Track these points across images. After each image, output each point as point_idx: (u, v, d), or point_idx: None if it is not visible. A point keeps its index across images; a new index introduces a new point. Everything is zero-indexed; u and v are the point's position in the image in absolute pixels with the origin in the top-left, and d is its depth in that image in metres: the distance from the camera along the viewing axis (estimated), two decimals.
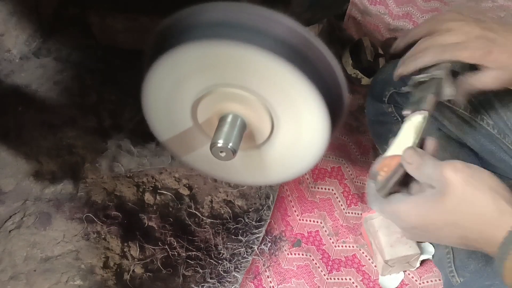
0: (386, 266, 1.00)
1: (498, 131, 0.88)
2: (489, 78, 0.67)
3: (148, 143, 1.13)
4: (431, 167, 0.54)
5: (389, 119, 1.00)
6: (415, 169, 0.56)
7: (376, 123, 1.05)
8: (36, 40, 1.32)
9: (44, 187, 1.01)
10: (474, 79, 0.68)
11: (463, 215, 0.52)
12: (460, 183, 0.51)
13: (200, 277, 0.98)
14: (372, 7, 1.63)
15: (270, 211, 1.09)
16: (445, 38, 0.68)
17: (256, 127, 0.64)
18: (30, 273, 0.89)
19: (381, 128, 1.02)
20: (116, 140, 1.12)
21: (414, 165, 0.56)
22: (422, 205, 0.54)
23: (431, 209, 0.53)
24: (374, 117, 1.05)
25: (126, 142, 1.11)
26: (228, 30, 0.54)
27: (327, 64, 0.57)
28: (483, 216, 0.51)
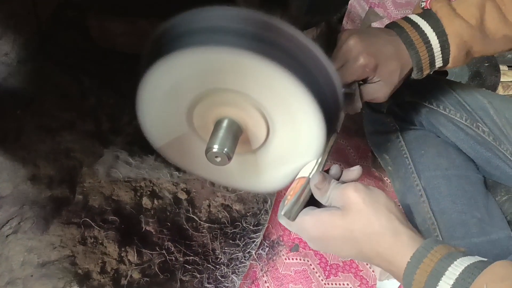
0: (384, 271, 1.00)
1: (493, 138, 0.88)
2: (375, 90, 0.74)
3: (147, 156, 1.12)
4: (336, 189, 0.58)
5: (388, 128, 1.01)
6: (323, 193, 0.59)
7: (374, 133, 1.05)
8: (34, 43, 1.32)
9: (41, 192, 1.00)
10: (365, 91, 0.75)
11: (360, 232, 0.55)
12: (360, 201, 0.55)
13: (198, 282, 0.98)
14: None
15: (268, 216, 1.09)
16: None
17: (251, 131, 0.64)
18: (27, 278, 0.89)
19: (380, 137, 1.03)
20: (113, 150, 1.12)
21: (322, 190, 0.59)
22: (324, 219, 0.57)
23: (332, 223, 0.56)
24: (373, 127, 1.06)
25: (124, 154, 1.11)
26: (224, 36, 0.54)
27: (323, 69, 0.57)
28: (379, 234, 0.54)
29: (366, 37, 0.71)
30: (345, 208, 0.56)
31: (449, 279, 0.48)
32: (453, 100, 0.93)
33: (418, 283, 0.50)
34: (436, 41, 0.73)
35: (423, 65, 0.74)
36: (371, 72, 0.71)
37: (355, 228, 0.55)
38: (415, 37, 0.73)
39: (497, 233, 0.86)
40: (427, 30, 0.73)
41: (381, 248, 0.54)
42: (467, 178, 0.92)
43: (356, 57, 0.70)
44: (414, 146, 0.96)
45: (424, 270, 0.50)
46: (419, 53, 0.73)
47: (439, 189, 0.90)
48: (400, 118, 0.99)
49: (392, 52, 0.72)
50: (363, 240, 0.55)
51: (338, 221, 0.56)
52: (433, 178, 0.91)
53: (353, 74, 0.71)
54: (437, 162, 0.93)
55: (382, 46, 0.72)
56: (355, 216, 0.55)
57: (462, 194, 0.89)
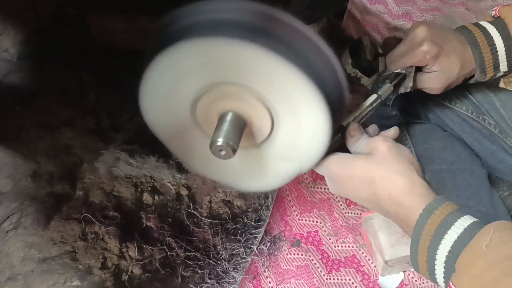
0: (386, 267, 1.00)
1: (499, 131, 0.88)
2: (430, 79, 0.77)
3: (148, 157, 1.12)
4: (365, 140, 0.63)
5: (393, 122, 1.00)
6: (354, 141, 0.64)
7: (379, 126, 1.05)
8: (34, 40, 1.32)
9: (41, 188, 1.00)
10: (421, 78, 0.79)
11: (378, 173, 0.59)
12: (385, 149, 0.60)
13: (199, 277, 0.97)
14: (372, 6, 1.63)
15: (269, 211, 1.09)
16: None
17: (256, 125, 0.63)
18: (28, 274, 0.89)
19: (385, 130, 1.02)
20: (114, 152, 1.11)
21: (354, 138, 0.64)
22: (348, 159, 0.62)
23: (355, 163, 0.61)
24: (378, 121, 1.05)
25: (125, 156, 1.10)
26: (227, 28, 0.53)
27: (328, 62, 0.57)
28: (395, 178, 0.58)
29: (435, 28, 0.74)
30: (371, 153, 0.60)
31: (458, 229, 0.52)
32: (459, 93, 0.92)
33: (428, 232, 0.54)
34: (502, 44, 0.75)
35: (486, 67, 0.76)
36: (431, 60, 0.74)
37: (375, 169, 0.59)
38: (481, 38, 0.75)
39: None
40: (493, 33, 0.76)
41: (394, 190, 0.58)
42: (472, 172, 0.91)
43: (420, 42, 0.73)
44: (419, 140, 0.96)
45: (434, 220, 0.54)
46: (483, 53, 0.75)
47: (444, 183, 0.89)
48: (406, 111, 0.99)
49: (456, 47, 0.74)
50: (379, 181, 0.59)
51: (362, 161, 0.60)
52: (438, 172, 0.91)
53: (412, 57, 0.74)
54: (442, 155, 0.92)
55: (448, 39, 0.74)
56: (378, 160, 0.59)
57: (466, 188, 0.89)
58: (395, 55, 0.78)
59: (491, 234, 0.49)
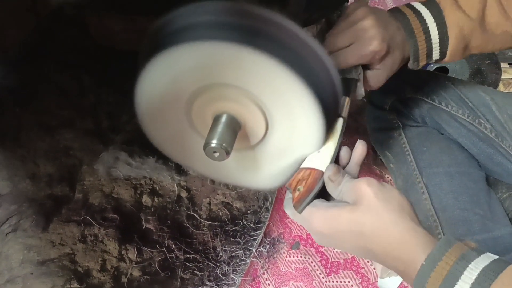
0: (385, 269, 1.00)
1: (495, 134, 0.88)
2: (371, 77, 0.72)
3: (147, 157, 1.12)
4: (348, 183, 0.56)
5: (391, 125, 1.00)
6: (335, 186, 0.57)
7: (377, 130, 1.05)
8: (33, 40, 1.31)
9: (41, 190, 1.00)
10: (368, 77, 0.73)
11: (369, 226, 0.52)
12: (371, 196, 0.52)
13: (198, 279, 0.97)
14: None
15: (268, 213, 1.09)
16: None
17: (250, 127, 0.63)
18: (27, 276, 0.88)
19: (382, 135, 1.02)
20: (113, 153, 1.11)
21: (335, 182, 0.57)
22: (332, 212, 0.55)
23: (340, 217, 0.54)
24: (376, 124, 1.05)
25: (124, 155, 1.10)
26: (222, 30, 0.53)
27: (323, 64, 0.57)
28: (388, 230, 0.52)
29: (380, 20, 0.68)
30: (356, 202, 0.54)
31: (465, 283, 0.47)
32: (455, 97, 0.92)
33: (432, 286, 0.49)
34: (436, 32, 0.71)
35: (420, 56, 0.72)
36: (379, 60, 0.69)
37: (364, 222, 0.52)
38: (416, 25, 0.70)
39: (500, 230, 0.86)
40: (428, 20, 0.71)
41: (388, 244, 0.52)
42: (469, 175, 0.91)
43: (369, 40, 0.67)
44: (416, 143, 0.96)
45: (438, 273, 0.48)
46: (418, 42, 0.71)
47: (441, 186, 0.89)
48: (403, 115, 0.99)
49: (399, 42, 0.70)
50: (371, 234, 0.52)
51: (346, 215, 0.54)
52: (435, 175, 0.91)
53: (362, 57, 0.68)
54: (439, 159, 0.92)
55: (393, 34, 0.69)
56: (365, 210, 0.53)
57: (464, 191, 0.89)
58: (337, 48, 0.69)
59: None
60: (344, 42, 0.68)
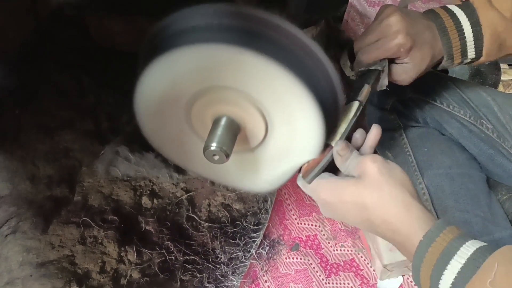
0: (385, 271, 1.00)
1: (497, 135, 0.88)
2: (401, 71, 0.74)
3: (147, 152, 1.11)
4: (355, 159, 0.60)
5: (391, 125, 1.00)
6: (343, 160, 0.61)
7: None
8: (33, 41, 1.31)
9: (40, 191, 1.00)
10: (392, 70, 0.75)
11: (370, 198, 0.56)
12: (375, 171, 0.56)
13: (198, 281, 0.97)
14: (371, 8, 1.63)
15: (268, 215, 1.08)
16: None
17: (250, 129, 0.63)
18: (26, 278, 0.88)
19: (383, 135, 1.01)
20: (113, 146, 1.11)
21: (343, 157, 0.61)
22: (339, 184, 0.59)
23: (345, 188, 0.58)
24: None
25: (124, 149, 1.10)
26: (222, 33, 0.53)
27: (322, 66, 0.57)
28: (388, 202, 0.55)
29: (408, 17, 0.71)
30: (360, 176, 0.57)
31: (460, 258, 0.49)
32: (456, 97, 0.92)
33: (429, 261, 0.51)
34: (470, 30, 0.73)
35: (454, 53, 0.74)
36: (405, 53, 0.71)
37: (366, 194, 0.56)
38: (449, 23, 0.73)
39: (500, 232, 0.86)
40: (461, 18, 0.73)
41: (388, 216, 0.55)
42: (470, 176, 0.91)
43: (394, 34, 0.70)
44: (417, 144, 0.96)
45: (436, 248, 0.51)
46: (451, 40, 0.73)
47: (442, 188, 0.89)
48: (404, 115, 0.99)
49: (429, 38, 0.72)
50: (372, 206, 0.56)
51: (351, 187, 0.57)
52: (436, 176, 0.91)
53: (387, 50, 0.71)
54: (440, 160, 0.92)
55: (421, 30, 0.71)
56: (368, 184, 0.56)
57: (465, 192, 0.89)
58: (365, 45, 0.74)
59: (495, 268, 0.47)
60: (371, 39, 0.72)
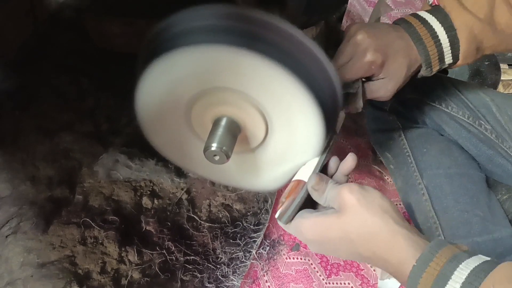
0: None
1: (496, 136, 0.88)
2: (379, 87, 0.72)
3: (147, 160, 1.12)
4: (332, 190, 0.58)
5: (391, 126, 1.00)
6: (320, 194, 0.59)
7: (377, 131, 1.05)
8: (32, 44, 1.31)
9: (41, 192, 1.00)
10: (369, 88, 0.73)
11: (355, 233, 0.54)
12: (354, 202, 0.54)
13: (198, 281, 0.97)
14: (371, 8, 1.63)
15: (268, 215, 1.09)
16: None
17: (250, 130, 0.63)
18: (27, 279, 0.88)
19: (382, 136, 1.02)
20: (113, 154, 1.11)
21: (319, 191, 0.59)
22: (320, 222, 0.57)
23: (328, 225, 0.56)
24: (376, 125, 1.05)
25: (124, 158, 1.10)
26: (222, 34, 0.53)
27: (322, 67, 0.57)
28: (373, 234, 0.54)
29: (375, 31, 0.70)
30: (340, 209, 0.56)
31: (455, 283, 0.48)
32: (455, 98, 0.92)
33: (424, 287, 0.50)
34: (445, 35, 0.71)
35: (431, 61, 0.72)
36: (378, 69, 0.70)
37: (350, 229, 0.55)
38: (423, 32, 0.71)
39: (500, 232, 0.86)
40: (435, 25, 0.71)
41: (376, 248, 0.54)
42: (470, 176, 0.91)
43: (363, 52, 0.68)
44: (417, 144, 0.96)
45: (430, 274, 0.50)
46: (427, 48, 0.71)
47: (442, 188, 0.89)
48: (403, 116, 0.99)
49: (400, 47, 0.70)
50: (358, 240, 0.55)
51: (334, 223, 0.56)
52: (435, 176, 0.91)
53: (358, 70, 0.69)
54: (440, 160, 0.92)
55: (390, 42, 0.70)
56: (349, 217, 0.55)
57: (464, 192, 0.89)
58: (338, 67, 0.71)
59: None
60: (343, 60, 0.70)
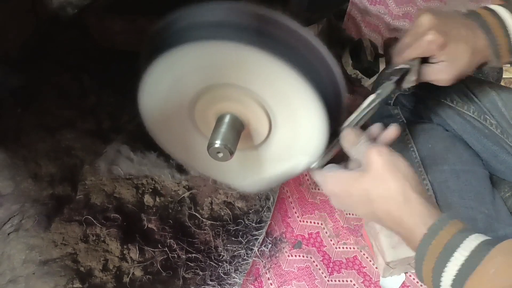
0: (387, 268, 0.99)
1: (501, 131, 0.87)
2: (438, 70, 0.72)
3: (149, 152, 1.12)
4: (363, 147, 0.60)
5: (395, 120, 1.00)
6: (350, 146, 0.61)
7: None
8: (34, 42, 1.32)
9: (43, 190, 1.00)
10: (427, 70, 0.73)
11: (374, 192, 0.57)
12: (380, 165, 0.57)
13: (200, 279, 0.97)
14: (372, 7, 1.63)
15: (270, 213, 1.08)
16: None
17: (253, 127, 0.63)
18: (29, 276, 0.89)
19: None
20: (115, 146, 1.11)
21: (349, 142, 0.61)
22: (345, 177, 0.60)
23: (351, 182, 0.59)
24: (379, 119, 1.04)
25: (126, 149, 1.10)
26: (226, 30, 0.53)
27: (326, 64, 0.57)
28: (390, 197, 0.56)
29: (441, 16, 0.69)
30: (365, 168, 0.58)
31: (464, 251, 0.50)
32: (460, 92, 0.91)
33: (432, 253, 0.52)
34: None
35: (500, 52, 0.71)
36: (437, 50, 0.69)
37: (370, 188, 0.57)
38: (492, 21, 0.70)
39: (504, 229, 0.85)
40: (503, 15, 0.70)
41: (391, 209, 0.56)
42: (474, 173, 0.91)
43: (424, 31, 0.68)
44: (421, 140, 0.95)
45: (439, 241, 0.52)
46: (496, 37, 0.70)
47: (447, 184, 0.89)
48: (407, 110, 0.98)
49: (465, 34, 0.69)
50: (376, 200, 0.57)
51: (356, 181, 0.58)
52: (440, 172, 0.90)
53: (417, 48, 0.69)
54: (445, 156, 0.92)
55: (455, 27, 0.69)
56: (372, 177, 0.57)
57: (469, 189, 0.88)
58: (399, 46, 0.73)
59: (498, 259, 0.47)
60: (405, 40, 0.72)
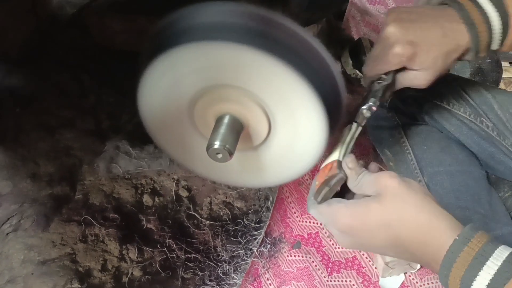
0: (387, 268, 0.99)
1: (497, 133, 0.87)
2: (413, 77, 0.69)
3: (146, 145, 1.12)
4: (368, 176, 0.56)
5: (390, 123, 1.00)
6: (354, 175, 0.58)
7: (376, 128, 1.04)
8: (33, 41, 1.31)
9: (41, 189, 1.00)
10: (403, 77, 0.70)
11: (396, 216, 0.53)
12: (395, 186, 0.53)
13: (199, 279, 0.97)
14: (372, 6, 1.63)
15: (269, 213, 1.08)
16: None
17: (253, 128, 0.63)
18: (28, 276, 0.88)
19: (382, 133, 1.02)
20: (114, 141, 1.11)
21: (353, 171, 0.58)
22: (359, 207, 0.55)
23: (367, 210, 0.54)
24: (375, 122, 1.05)
25: (124, 144, 1.10)
26: (225, 31, 0.53)
27: (325, 64, 0.57)
28: (417, 218, 0.52)
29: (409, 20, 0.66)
30: (380, 194, 0.54)
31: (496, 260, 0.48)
32: (456, 95, 0.91)
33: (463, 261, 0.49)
34: (499, 22, 0.66)
35: (480, 47, 0.68)
36: (407, 62, 0.66)
37: (391, 214, 0.53)
38: (476, 16, 0.66)
39: (501, 229, 0.85)
40: (488, 10, 0.66)
41: (418, 229, 0.52)
42: (470, 173, 0.91)
43: (391, 45, 0.65)
44: (417, 142, 0.95)
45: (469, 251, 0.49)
46: (480, 33, 0.66)
47: (442, 185, 0.89)
48: (403, 112, 0.98)
49: (437, 36, 0.66)
50: (399, 224, 0.53)
51: (374, 209, 0.54)
52: (436, 174, 0.90)
53: (386, 63, 0.67)
54: (440, 158, 0.92)
55: (425, 30, 0.65)
56: (391, 200, 0.53)
57: (465, 190, 0.88)
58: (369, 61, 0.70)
59: None
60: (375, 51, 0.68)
